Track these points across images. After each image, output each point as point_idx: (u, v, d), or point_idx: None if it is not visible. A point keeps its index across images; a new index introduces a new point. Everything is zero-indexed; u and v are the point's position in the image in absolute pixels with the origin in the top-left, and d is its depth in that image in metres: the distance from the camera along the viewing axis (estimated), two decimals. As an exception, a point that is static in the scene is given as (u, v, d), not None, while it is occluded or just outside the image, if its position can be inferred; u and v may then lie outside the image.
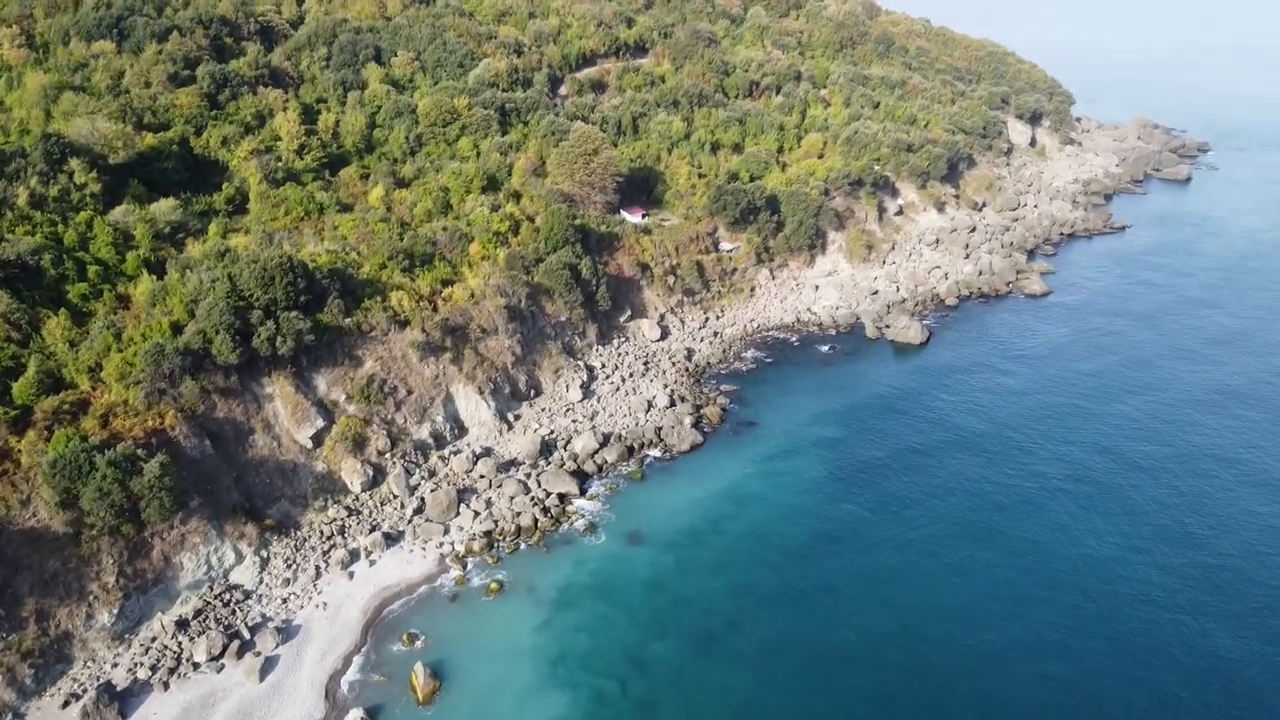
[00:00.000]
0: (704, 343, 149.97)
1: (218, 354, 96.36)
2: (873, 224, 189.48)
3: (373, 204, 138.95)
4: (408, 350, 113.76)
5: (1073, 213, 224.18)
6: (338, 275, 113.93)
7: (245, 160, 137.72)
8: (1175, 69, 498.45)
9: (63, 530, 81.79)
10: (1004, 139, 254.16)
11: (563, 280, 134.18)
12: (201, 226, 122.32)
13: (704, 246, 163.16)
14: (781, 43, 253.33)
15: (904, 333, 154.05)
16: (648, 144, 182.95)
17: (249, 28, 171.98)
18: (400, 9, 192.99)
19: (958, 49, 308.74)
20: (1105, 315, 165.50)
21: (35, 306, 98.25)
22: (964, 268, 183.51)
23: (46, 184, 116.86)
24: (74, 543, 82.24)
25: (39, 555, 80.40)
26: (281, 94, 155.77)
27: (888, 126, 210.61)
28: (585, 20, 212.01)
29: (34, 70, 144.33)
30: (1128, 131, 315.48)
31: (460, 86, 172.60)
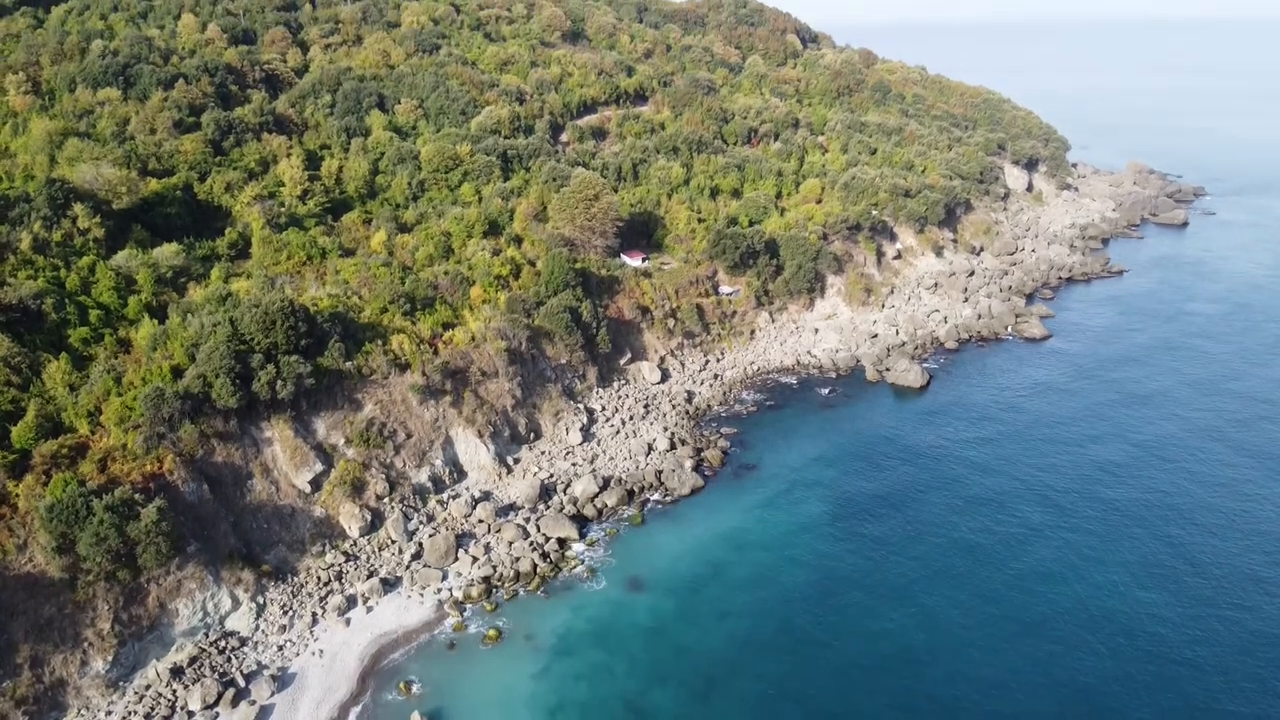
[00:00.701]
0: (704, 385, 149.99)
1: (217, 398, 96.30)
2: (871, 268, 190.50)
3: (375, 248, 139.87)
4: (408, 393, 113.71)
5: (1070, 257, 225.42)
6: (339, 319, 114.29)
7: (248, 205, 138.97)
8: (1169, 115, 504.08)
9: (59, 576, 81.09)
10: (1001, 184, 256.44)
11: (563, 323, 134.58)
12: (204, 271, 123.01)
13: (704, 290, 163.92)
14: (779, 91, 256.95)
15: (904, 376, 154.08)
16: (648, 189, 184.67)
17: (254, 76, 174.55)
18: (404, 58, 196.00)
19: (954, 96, 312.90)
20: (1105, 360, 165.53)
21: (36, 351, 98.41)
22: (963, 311, 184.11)
23: (50, 229, 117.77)
24: (70, 588, 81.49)
25: (34, 601, 79.62)
26: (285, 140, 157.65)
27: (885, 172, 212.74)
28: (586, 69, 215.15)
29: (39, 117, 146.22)
30: (1123, 177, 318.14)
31: (463, 133, 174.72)
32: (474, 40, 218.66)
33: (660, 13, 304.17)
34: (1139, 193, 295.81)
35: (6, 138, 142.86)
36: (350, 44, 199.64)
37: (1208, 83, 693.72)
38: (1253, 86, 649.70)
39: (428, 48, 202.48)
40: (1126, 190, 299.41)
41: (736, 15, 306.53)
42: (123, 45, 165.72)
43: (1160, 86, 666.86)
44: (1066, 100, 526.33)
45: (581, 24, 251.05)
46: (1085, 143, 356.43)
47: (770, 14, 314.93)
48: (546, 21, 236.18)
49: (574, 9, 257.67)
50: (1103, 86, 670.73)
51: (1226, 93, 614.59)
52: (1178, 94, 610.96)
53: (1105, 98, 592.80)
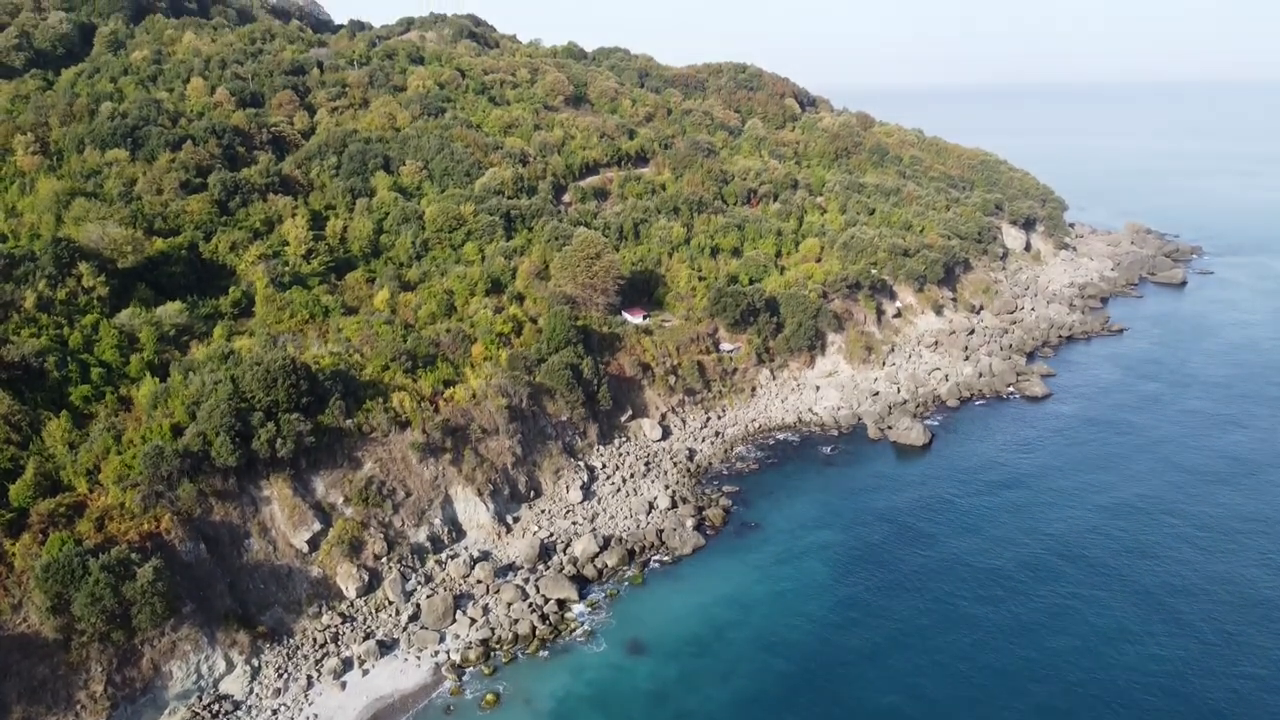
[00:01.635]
0: (705, 443, 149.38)
1: (217, 456, 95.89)
2: (871, 326, 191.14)
3: (378, 306, 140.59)
4: (407, 451, 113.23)
5: (1070, 316, 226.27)
6: (340, 377, 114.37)
7: (253, 264, 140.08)
8: (1165, 176, 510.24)
9: (53, 636, 79.94)
10: (999, 244, 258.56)
11: (564, 380, 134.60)
12: (206, 329, 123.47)
13: (704, 347, 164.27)
14: (778, 153, 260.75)
15: (906, 434, 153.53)
16: (649, 248, 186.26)
17: (261, 138, 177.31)
18: (409, 121, 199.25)
19: (951, 158, 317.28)
20: (1107, 419, 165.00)
21: (37, 408, 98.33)
22: (964, 369, 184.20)
23: (54, 287, 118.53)
24: (64, 649, 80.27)
25: (28, 661, 78.34)
26: (291, 201, 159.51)
27: (884, 232, 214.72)
28: (588, 132, 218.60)
29: (47, 177, 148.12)
30: (1121, 237, 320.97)
31: (467, 194, 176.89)
32: (479, 104, 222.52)
33: (661, 78, 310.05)
34: (1137, 252, 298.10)
35: (14, 197, 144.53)
36: (357, 107, 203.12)
37: (1203, 144, 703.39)
38: (1248, 148, 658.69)
39: (433, 111, 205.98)
40: (1124, 250, 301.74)
41: (736, 80, 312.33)
42: (132, 107, 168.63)
43: (1156, 148, 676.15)
44: (1062, 162, 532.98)
45: (584, 89, 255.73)
46: (1082, 203, 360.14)
47: (769, 79, 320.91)
48: (550, 86, 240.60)
49: (577, 74, 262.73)
50: (1098, 148, 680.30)
51: (1222, 154, 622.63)
52: (1173, 156, 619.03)
53: (1101, 159, 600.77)
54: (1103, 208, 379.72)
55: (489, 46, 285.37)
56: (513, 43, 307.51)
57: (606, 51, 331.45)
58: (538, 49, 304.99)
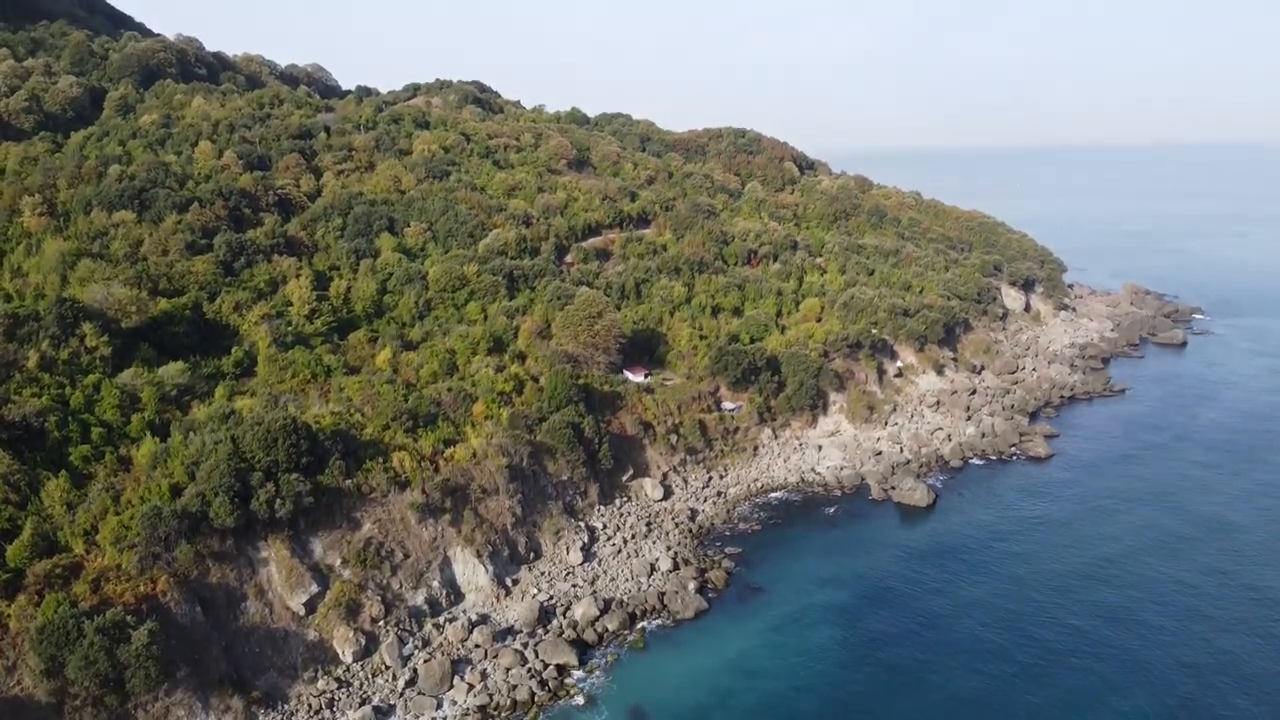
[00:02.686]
0: (707, 503, 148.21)
1: (215, 517, 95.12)
2: (873, 385, 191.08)
3: (380, 366, 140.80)
4: (407, 512, 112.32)
5: (1071, 376, 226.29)
6: (340, 436, 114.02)
7: (256, 324, 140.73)
8: (1162, 238, 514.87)
9: (45, 700, 78.61)
10: (999, 304, 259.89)
11: (565, 439, 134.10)
12: (208, 389, 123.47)
13: (706, 405, 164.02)
14: (778, 215, 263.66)
15: (910, 495, 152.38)
16: (650, 307, 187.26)
17: (267, 200, 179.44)
18: (415, 183, 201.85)
19: (949, 220, 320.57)
20: (1110, 480, 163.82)
21: (36, 468, 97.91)
22: (966, 429, 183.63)
23: (57, 347, 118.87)
24: (56, 713, 78.83)
25: (13, 729, 76.68)
26: (295, 261, 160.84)
27: (883, 292, 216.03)
28: (591, 194, 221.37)
29: (53, 238, 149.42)
30: (1120, 297, 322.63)
31: (470, 254, 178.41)
32: (483, 167, 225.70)
33: (662, 142, 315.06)
34: (1136, 313, 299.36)
35: (20, 258, 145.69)
36: (363, 170, 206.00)
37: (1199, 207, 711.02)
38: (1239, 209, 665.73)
39: (438, 174, 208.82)
40: (1124, 310, 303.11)
41: (735, 145, 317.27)
42: (140, 170, 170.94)
43: (1153, 210, 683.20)
44: (1059, 224, 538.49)
45: (587, 153, 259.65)
46: (1081, 265, 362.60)
47: (768, 143, 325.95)
48: (553, 150, 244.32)
49: (579, 139, 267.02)
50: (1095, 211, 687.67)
51: (1219, 216, 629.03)
52: (1170, 218, 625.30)
53: (1098, 221, 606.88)
54: (1100, 269, 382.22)
55: (494, 112, 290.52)
56: (517, 108, 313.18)
57: (609, 117, 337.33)
58: (541, 114, 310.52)
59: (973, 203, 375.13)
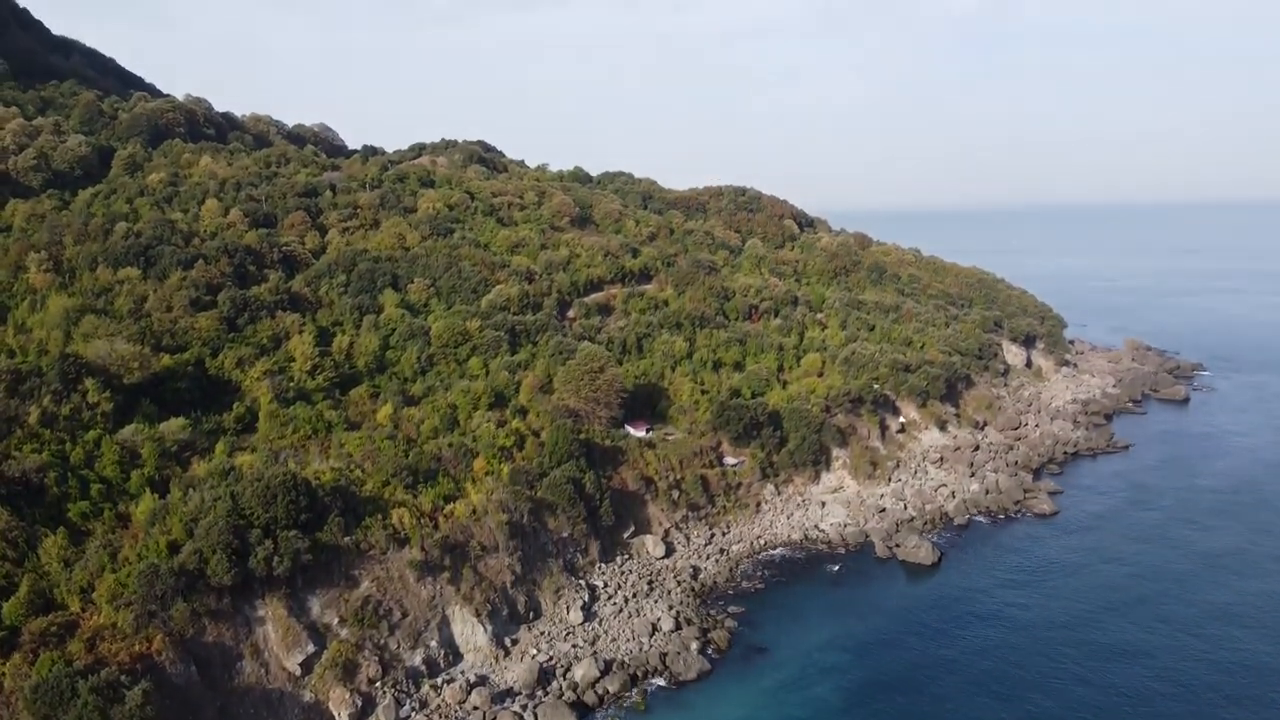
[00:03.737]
0: (710, 560, 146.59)
1: (213, 574, 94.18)
2: (876, 441, 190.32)
3: (381, 422, 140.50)
4: (405, 570, 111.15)
5: (1075, 432, 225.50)
6: (340, 492, 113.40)
7: (258, 380, 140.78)
8: (1162, 294, 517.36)
9: (34, 763, 76.86)
10: (1000, 360, 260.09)
11: (566, 495, 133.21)
12: (209, 445, 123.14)
13: (708, 461, 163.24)
14: (778, 271, 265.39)
15: (914, 552, 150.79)
16: (651, 362, 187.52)
17: (272, 256, 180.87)
18: (419, 241, 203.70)
19: (948, 276, 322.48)
20: (1117, 538, 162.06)
21: (34, 525, 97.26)
22: (970, 486, 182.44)
23: (59, 403, 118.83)
24: (43, 777, 76.99)
25: (0, 794, 75.01)
26: (299, 318, 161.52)
27: (884, 348, 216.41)
28: (593, 251, 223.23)
29: (58, 294, 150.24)
30: (1121, 354, 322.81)
31: (473, 310, 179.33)
32: (487, 224, 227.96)
33: (663, 200, 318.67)
34: (1138, 369, 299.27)
35: (24, 314, 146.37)
36: (368, 227, 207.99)
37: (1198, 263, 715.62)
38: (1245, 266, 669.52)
39: (442, 231, 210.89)
40: (1125, 366, 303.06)
41: (736, 202, 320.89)
42: (146, 227, 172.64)
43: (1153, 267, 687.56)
44: (1058, 280, 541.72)
45: (589, 210, 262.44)
46: (1081, 320, 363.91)
47: (768, 201, 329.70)
48: (556, 208, 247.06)
49: (582, 197, 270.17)
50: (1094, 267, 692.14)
51: (1218, 273, 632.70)
52: (1170, 274, 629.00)
53: (1097, 277, 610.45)
54: (1100, 325, 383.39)
55: (498, 171, 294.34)
56: (521, 167, 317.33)
57: (611, 176, 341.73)
58: (545, 173, 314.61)
59: (971, 259, 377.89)
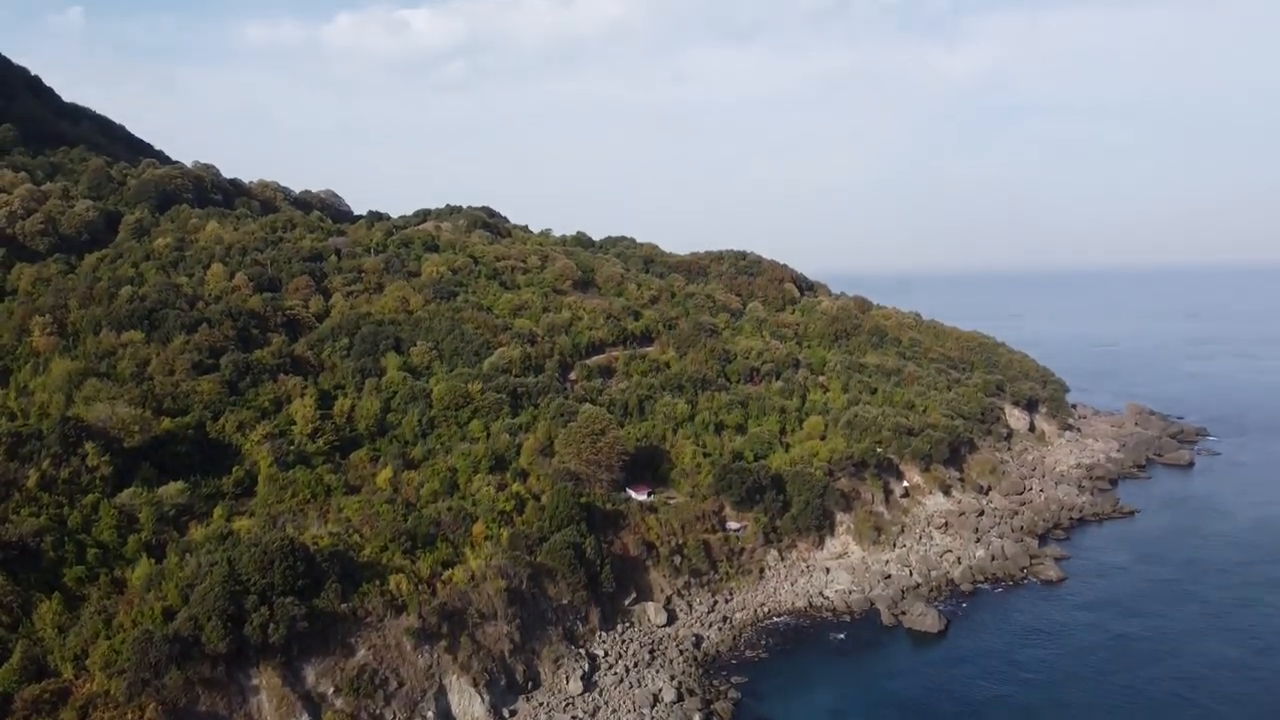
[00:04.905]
0: (713, 628, 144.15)
1: (208, 641, 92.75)
2: (880, 506, 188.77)
3: (380, 485, 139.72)
4: (402, 638, 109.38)
5: (1080, 497, 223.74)
6: (338, 558, 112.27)
7: (258, 444, 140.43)
8: (1163, 358, 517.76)
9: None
10: (1003, 424, 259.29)
11: (566, 560, 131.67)
12: (207, 509, 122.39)
13: (710, 525, 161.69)
14: (779, 334, 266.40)
15: (921, 620, 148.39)
16: (653, 424, 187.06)
17: (276, 320, 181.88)
18: (422, 304, 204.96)
19: (949, 340, 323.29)
20: (1125, 605, 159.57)
21: (30, 589, 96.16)
22: (976, 552, 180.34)
23: (58, 466, 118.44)
24: None
25: None
26: (301, 381, 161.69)
27: (887, 411, 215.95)
28: (595, 314, 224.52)
29: (61, 357, 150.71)
30: (1124, 418, 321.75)
31: (475, 373, 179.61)
32: (490, 288, 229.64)
33: (665, 264, 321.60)
34: (1141, 433, 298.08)
35: (26, 377, 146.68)
36: (371, 291, 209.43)
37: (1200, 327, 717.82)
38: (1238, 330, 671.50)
39: (445, 295, 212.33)
40: (1129, 431, 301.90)
41: (736, 266, 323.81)
42: (151, 291, 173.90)
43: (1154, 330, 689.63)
44: (1059, 344, 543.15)
45: (591, 274, 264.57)
46: (1083, 385, 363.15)
47: (768, 265, 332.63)
48: (559, 272, 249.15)
49: (584, 261, 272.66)
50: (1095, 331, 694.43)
51: (1220, 336, 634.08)
52: (1172, 338, 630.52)
53: (1098, 341, 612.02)
54: (1103, 389, 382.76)
55: (501, 236, 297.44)
56: (524, 232, 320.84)
57: (613, 240, 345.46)
58: (548, 238, 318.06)
59: (971, 323, 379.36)
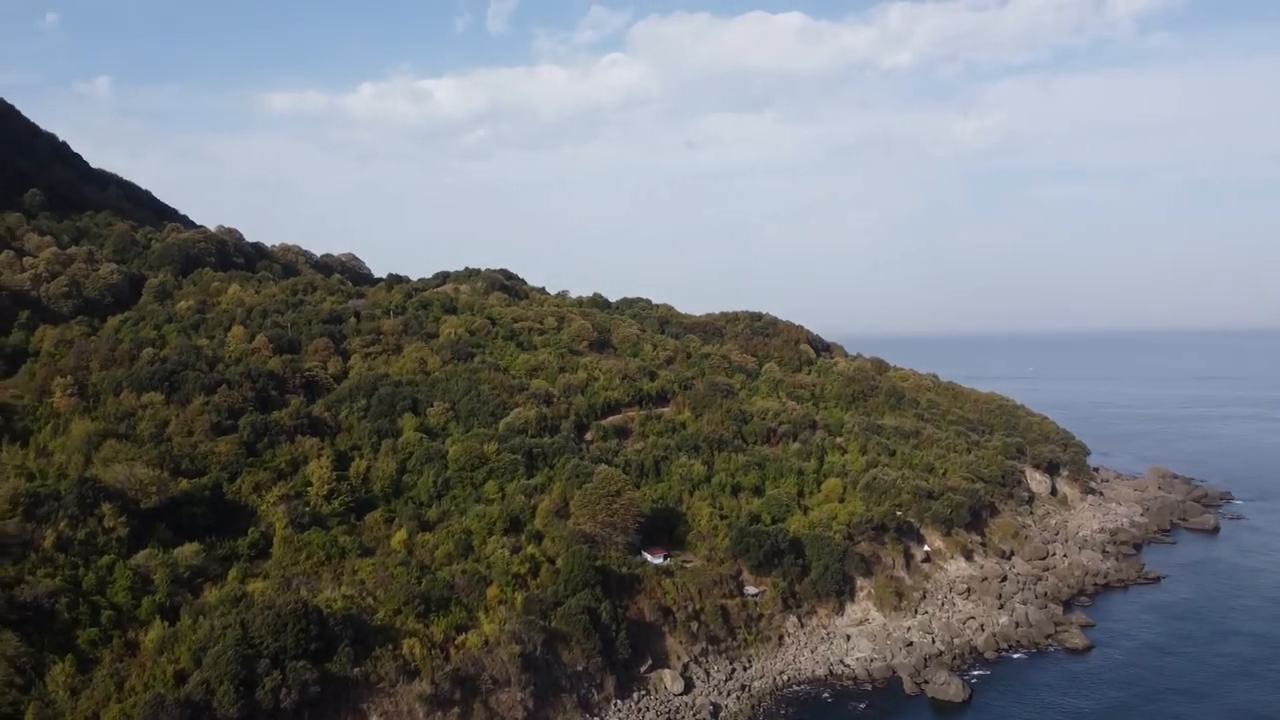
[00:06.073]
0: (731, 697, 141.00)
1: (219, 706, 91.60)
2: (900, 570, 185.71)
3: (395, 547, 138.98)
4: (414, 704, 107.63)
5: (1104, 563, 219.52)
6: (351, 621, 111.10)
7: (274, 505, 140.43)
8: (1186, 421, 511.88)
9: None
10: (1024, 487, 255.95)
11: (581, 626, 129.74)
12: (221, 571, 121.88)
13: (728, 590, 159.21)
14: (796, 394, 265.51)
15: (944, 689, 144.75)
16: (669, 485, 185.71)
17: (295, 381, 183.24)
18: (440, 365, 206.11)
19: (967, 402, 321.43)
20: (1153, 674, 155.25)
21: (43, 651, 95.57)
22: (999, 619, 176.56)
23: (75, 527, 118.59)
24: None
25: None
26: (318, 441, 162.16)
27: (906, 474, 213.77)
28: (611, 374, 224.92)
29: (81, 418, 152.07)
30: (1147, 482, 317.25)
31: (491, 433, 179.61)
32: (507, 349, 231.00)
33: (681, 325, 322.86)
34: (1165, 497, 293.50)
35: (46, 437, 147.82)
36: (390, 353, 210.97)
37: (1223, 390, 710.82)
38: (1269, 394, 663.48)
39: (463, 355, 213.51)
40: (1152, 495, 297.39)
41: (752, 327, 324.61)
42: (172, 353, 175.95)
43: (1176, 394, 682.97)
44: (1079, 407, 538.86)
45: (608, 334, 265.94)
46: (1104, 448, 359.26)
47: (784, 326, 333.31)
48: (575, 333, 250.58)
49: (601, 322, 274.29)
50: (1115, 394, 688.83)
51: (1242, 399, 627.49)
52: (1194, 401, 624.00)
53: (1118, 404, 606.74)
54: (1124, 452, 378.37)
55: (519, 297, 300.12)
56: (541, 294, 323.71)
57: (629, 301, 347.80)
58: (564, 299, 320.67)
59: (988, 385, 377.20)
